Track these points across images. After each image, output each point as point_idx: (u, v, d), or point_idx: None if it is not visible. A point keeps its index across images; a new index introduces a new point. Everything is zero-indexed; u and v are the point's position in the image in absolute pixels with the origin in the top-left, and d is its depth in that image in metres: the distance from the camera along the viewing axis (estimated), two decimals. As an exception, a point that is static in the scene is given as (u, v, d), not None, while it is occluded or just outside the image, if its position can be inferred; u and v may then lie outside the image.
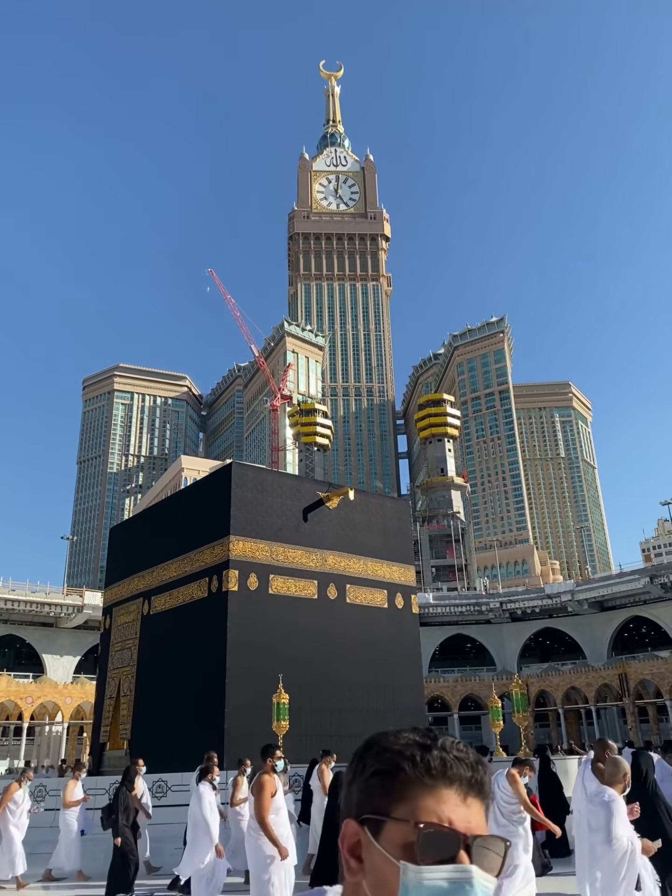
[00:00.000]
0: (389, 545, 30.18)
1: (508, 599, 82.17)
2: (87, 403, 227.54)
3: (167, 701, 25.90)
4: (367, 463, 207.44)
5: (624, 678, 65.00)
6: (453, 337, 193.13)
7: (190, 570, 26.95)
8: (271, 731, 21.70)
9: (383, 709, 27.38)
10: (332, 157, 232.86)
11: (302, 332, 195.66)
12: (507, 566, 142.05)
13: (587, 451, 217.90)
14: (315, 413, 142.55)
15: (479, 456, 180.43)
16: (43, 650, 74.21)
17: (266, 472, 33.19)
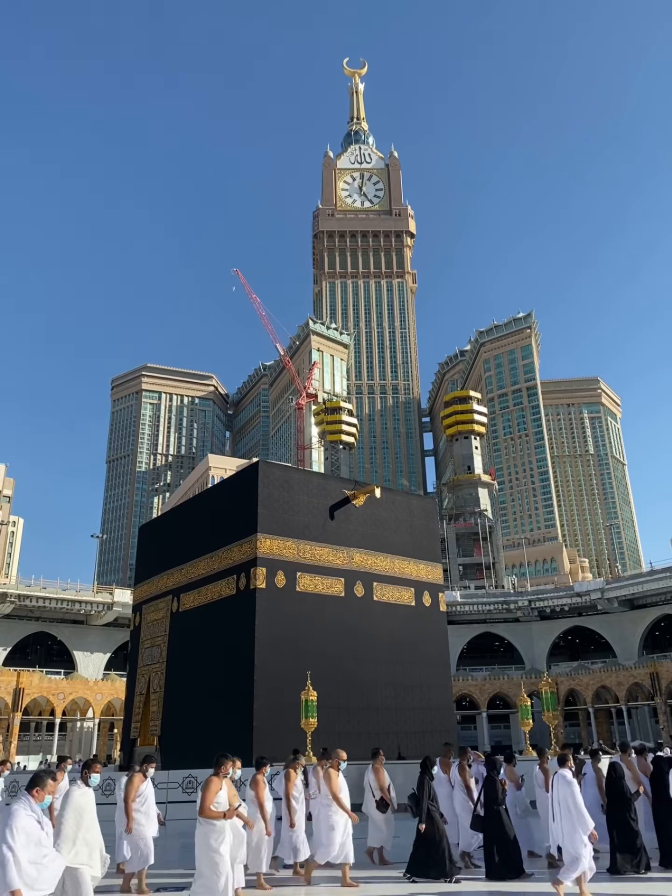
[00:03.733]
0: (416, 543, 30.12)
1: (537, 597, 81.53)
2: (116, 403, 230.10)
3: (196, 697, 26.11)
4: (392, 461, 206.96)
5: (655, 677, 64.15)
6: (479, 333, 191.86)
7: (218, 568, 27.15)
8: (300, 728, 21.79)
9: (411, 707, 27.35)
10: (357, 155, 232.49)
11: (327, 330, 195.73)
12: (535, 564, 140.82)
13: (616, 447, 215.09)
14: (340, 411, 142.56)
15: (507, 453, 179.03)
16: (74, 647, 75.28)
17: (292, 470, 33.28)
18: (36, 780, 6.43)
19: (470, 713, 74.44)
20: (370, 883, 10.64)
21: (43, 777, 6.47)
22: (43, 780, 6.44)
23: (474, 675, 76.71)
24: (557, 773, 9.58)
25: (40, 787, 6.42)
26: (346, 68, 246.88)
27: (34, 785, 6.41)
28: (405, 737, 26.17)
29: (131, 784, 10.91)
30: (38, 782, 6.42)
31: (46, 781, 6.45)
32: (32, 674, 64.35)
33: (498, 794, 10.89)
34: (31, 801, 6.35)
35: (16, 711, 59.43)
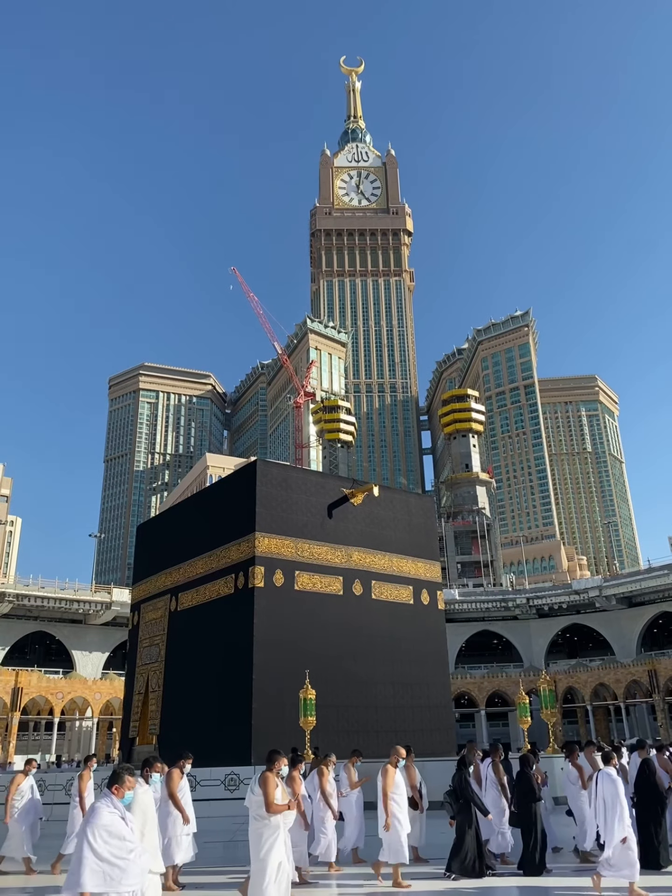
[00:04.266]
0: (414, 541, 30.14)
1: (535, 595, 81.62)
2: (113, 402, 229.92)
3: (195, 696, 26.12)
4: (391, 459, 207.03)
5: (653, 674, 64.26)
6: (477, 331, 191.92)
7: (216, 567, 27.14)
8: (298, 727, 21.80)
9: (409, 705, 27.37)
10: (354, 153, 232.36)
11: (324, 328, 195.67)
12: (533, 562, 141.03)
13: (614, 445, 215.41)
14: (338, 410, 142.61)
15: (505, 451, 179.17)
16: (72, 646, 75.24)
17: (290, 469, 33.27)
18: (116, 778, 6.51)
19: (468, 711, 74.54)
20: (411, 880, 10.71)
21: (122, 774, 6.54)
22: (122, 777, 6.51)
23: (473, 673, 76.80)
24: (602, 771, 9.75)
25: (119, 784, 6.49)
26: (342, 66, 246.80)
27: (114, 782, 6.49)
28: (403, 735, 26.17)
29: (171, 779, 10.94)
30: (118, 779, 6.49)
31: (126, 778, 6.53)
32: (31, 673, 64.31)
33: (533, 790, 11.03)
34: (113, 798, 6.41)
35: (14, 711, 59.39)
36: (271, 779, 8.31)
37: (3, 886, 11.47)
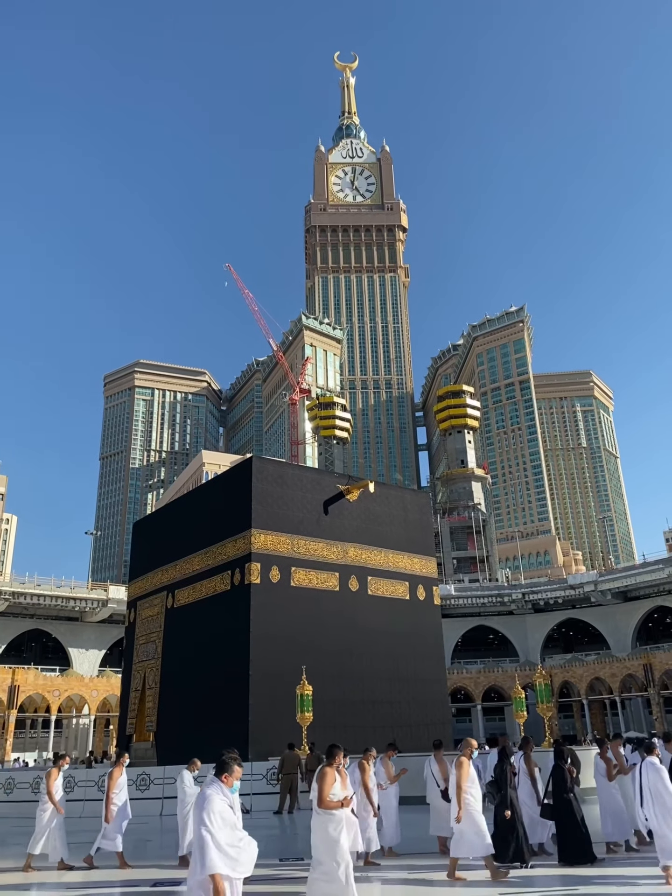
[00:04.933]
0: (410, 537, 30.24)
1: (531, 590, 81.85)
2: (109, 400, 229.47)
3: (192, 693, 26.18)
4: (386, 455, 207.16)
5: (649, 668, 64.55)
6: (472, 327, 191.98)
7: (212, 564, 27.19)
8: (295, 723, 21.89)
9: (406, 700, 27.49)
10: (348, 149, 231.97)
11: (320, 325, 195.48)
12: (528, 557, 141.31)
13: (609, 440, 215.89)
14: (334, 406, 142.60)
15: (500, 447, 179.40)
16: (69, 644, 75.20)
17: (286, 465, 33.32)
18: (224, 767, 6.60)
19: (465, 706, 74.76)
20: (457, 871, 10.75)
21: (230, 764, 6.62)
22: (231, 767, 6.60)
23: (469, 667, 77.02)
24: (646, 760, 9.89)
25: (229, 773, 6.58)
26: (337, 62, 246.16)
27: (223, 771, 6.58)
28: (400, 730, 26.30)
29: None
30: (227, 768, 6.58)
31: (234, 768, 6.62)
32: (28, 671, 64.29)
33: (567, 782, 11.18)
34: (223, 786, 6.49)
35: (11, 709, 59.36)
36: (329, 773, 8.32)
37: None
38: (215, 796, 6.35)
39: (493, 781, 11.29)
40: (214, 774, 6.62)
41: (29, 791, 23.64)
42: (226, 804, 6.38)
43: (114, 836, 12.42)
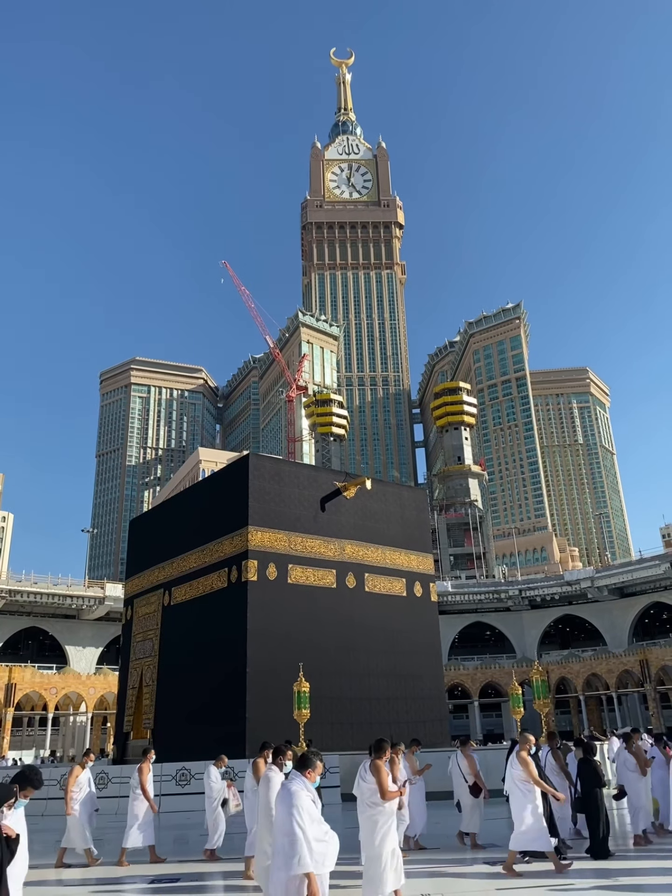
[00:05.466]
0: (407, 534, 30.21)
1: (527, 587, 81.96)
2: (105, 397, 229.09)
3: (189, 690, 26.15)
4: (383, 452, 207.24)
5: (645, 664, 64.70)
6: (469, 324, 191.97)
7: (209, 561, 27.15)
8: (292, 720, 21.87)
9: (403, 696, 27.49)
10: (345, 146, 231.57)
11: (316, 322, 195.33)
12: (525, 554, 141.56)
13: (605, 436, 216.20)
14: (331, 403, 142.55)
15: (497, 443, 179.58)
16: (66, 642, 75.14)
17: (283, 462, 33.25)
18: (307, 762, 6.66)
19: (462, 702, 74.90)
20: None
21: (312, 759, 6.68)
22: (313, 762, 6.66)
23: (466, 664, 77.14)
24: None
25: (311, 768, 6.64)
26: (333, 58, 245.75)
27: (306, 766, 6.63)
28: (397, 726, 26.30)
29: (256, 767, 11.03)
30: (310, 763, 6.64)
31: (316, 763, 6.68)
32: (24, 669, 64.20)
33: (598, 777, 11.32)
34: (306, 781, 6.53)
35: (8, 707, 59.28)
36: (382, 766, 8.37)
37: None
38: (301, 792, 6.36)
39: None
40: (296, 769, 6.66)
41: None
42: (310, 799, 6.42)
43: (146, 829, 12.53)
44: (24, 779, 6.19)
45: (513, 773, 10.34)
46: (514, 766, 10.37)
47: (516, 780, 10.23)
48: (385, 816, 8.19)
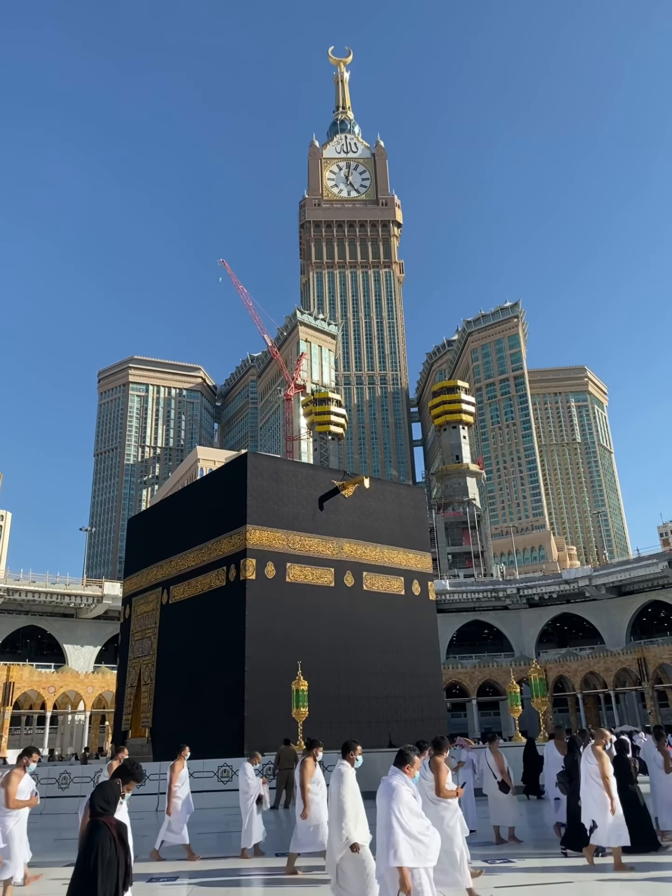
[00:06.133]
0: (405, 532, 30.26)
1: (525, 585, 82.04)
2: (103, 396, 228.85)
3: (187, 689, 26.18)
4: (381, 451, 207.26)
5: (643, 662, 64.82)
6: (467, 323, 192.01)
7: (208, 560, 27.17)
8: (291, 718, 21.91)
9: (401, 695, 27.54)
10: (343, 144, 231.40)
11: (314, 320, 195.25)
12: (523, 552, 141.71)
13: (603, 435, 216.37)
14: (329, 402, 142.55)
15: (495, 442, 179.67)
16: (64, 640, 75.12)
17: (281, 461, 33.29)
18: (406, 758, 6.79)
19: (460, 700, 74.99)
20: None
21: (410, 755, 6.80)
22: (412, 758, 6.79)
23: (464, 662, 77.22)
24: None
25: (410, 764, 6.76)
26: (331, 57, 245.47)
27: (405, 762, 6.76)
28: (396, 725, 26.37)
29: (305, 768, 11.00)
30: (408, 759, 6.77)
31: (414, 758, 6.80)
32: (23, 667, 64.16)
33: (632, 774, 11.41)
34: (406, 777, 6.66)
35: (6, 706, 59.27)
36: (443, 764, 8.53)
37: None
38: (402, 787, 6.47)
39: (564, 772, 11.61)
40: (395, 765, 6.77)
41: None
42: (411, 794, 6.53)
43: (179, 828, 12.47)
44: (126, 773, 6.32)
45: (588, 768, 10.38)
46: (590, 760, 10.40)
47: (593, 776, 10.25)
48: (451, 812, 8.35)
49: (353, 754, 8.17)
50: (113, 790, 5.84)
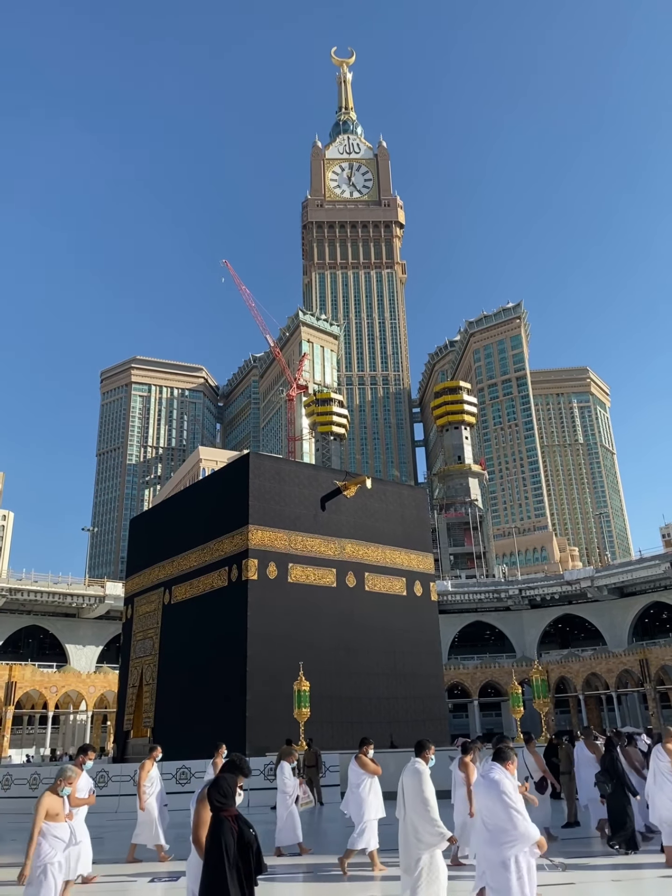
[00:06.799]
0: (407, 533, 30.25)
1: (527, 586, 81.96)
2: (105, 396, 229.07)
3: (189, 689, 26.19)
4: (383, 451, 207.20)
5: (645, 664, 64.72)
6: (469, 323, 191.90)
7: (210, 560, 27.18)
8: (292, 718, 21.92)
9: (403, 696, 27.53)
10: (345, 145, 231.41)
11: (317, 321, 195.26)
12: (525, 553, 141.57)
13: (605, 436, 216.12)
14: (331, 402, 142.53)
15: (497, 443, 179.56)
16: (66, 640, 75.18)
17: (283, 461, 33.31)
18: (505, 755, 6.96)
19: (461, 701, 74.92)
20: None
21: (509, 752, 6.97)
22: (510, 755, 6.96)
23: (466, 663, 77.15)
24: None
25: (510, 761, 6.94)
26: (334, 57, 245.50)
27: (505, 759, 6.93)
28: (397, 725, 26.36)
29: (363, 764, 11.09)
30: (508, 757, 6.95)
31: (513, 756, 6.98)
32: (25, 667, 64.24)
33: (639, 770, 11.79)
34: (507, 773, 6.85)
35: (8, 705, 59.32)
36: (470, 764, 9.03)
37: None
38: (505, 779, 6.66)
39: (604, 771, 11.81)
40: (494, 761, 6.94)
41: (27, 787, 23.61)
42: (513, 787, 6.70)
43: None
44: (235, 767, 6.37)
45: (659, 766, 10.49)
46: (661, 757, 10.49)
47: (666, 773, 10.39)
48: None
49: (427, 753, 8.50)
50: (228, 784, 5.91)
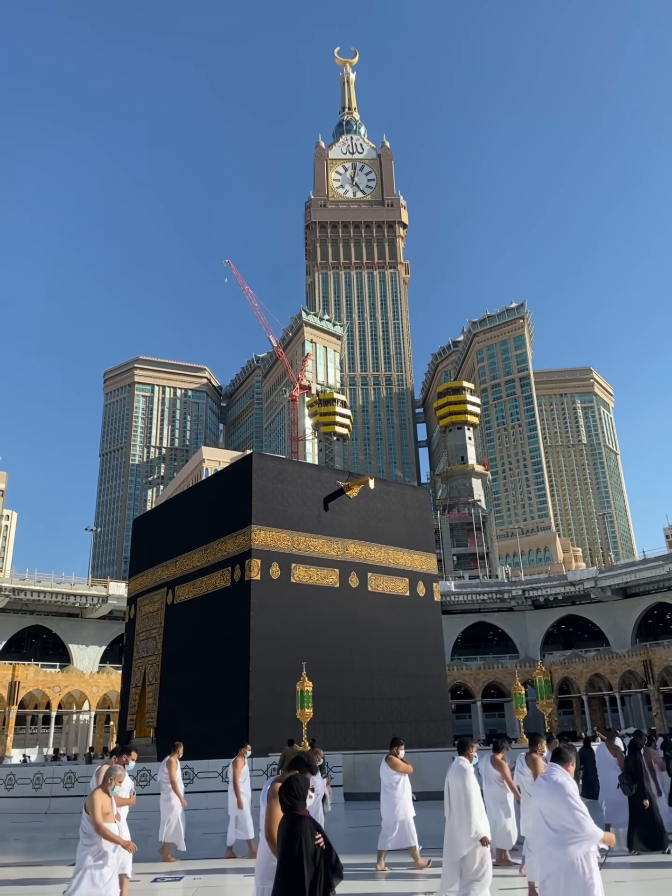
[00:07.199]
0: (410, 533, 30.21)
1: (531, 587, 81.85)
2: (109, 396, 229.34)
3: (192, 689, 26.18)
4: (386, 452, 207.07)
5: (648, 665, 64.60)
6: (472, 324, 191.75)
7: (213, 560, 27.18)
8: (295, 719, 21.89)
9: (406, 696, 27.50)
10: (348, 145, 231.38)
11: (320, 321, 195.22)
12: (528, 554, 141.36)
13: (609, 436, 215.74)
14: (334, 403, 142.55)
15: (500, 443, 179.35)
16: (69, 640, 75.27)
17: (286, 462, 33.30)
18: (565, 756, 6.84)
19: (465, 702, 74.82)
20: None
21: (570, 753, 6.85)
22: (571, 755, 6.83)
23: (469, 664, 77.07)
24: None
25: (570, 762, 6.85)
26: (337, 58, 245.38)
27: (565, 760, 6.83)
28: (400, 726, 26.32)
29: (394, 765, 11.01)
30: (567, 758, 6.83)
31: (572, 756, 6.84)
32: (28, 667, 64.36)
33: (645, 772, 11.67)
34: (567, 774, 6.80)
35: (12, 705, 59.44)
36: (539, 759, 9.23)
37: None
38: (568, 782, 6.63)
39: (627, 772, 11.87)
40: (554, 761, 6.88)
41: (30, 787, 23.59)
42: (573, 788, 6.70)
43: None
44: (304, 765, 6.36)
45: None
46: None
47: None
48: None
49: (470, 751, 8.54)
50: (300, 784, 5.91)
